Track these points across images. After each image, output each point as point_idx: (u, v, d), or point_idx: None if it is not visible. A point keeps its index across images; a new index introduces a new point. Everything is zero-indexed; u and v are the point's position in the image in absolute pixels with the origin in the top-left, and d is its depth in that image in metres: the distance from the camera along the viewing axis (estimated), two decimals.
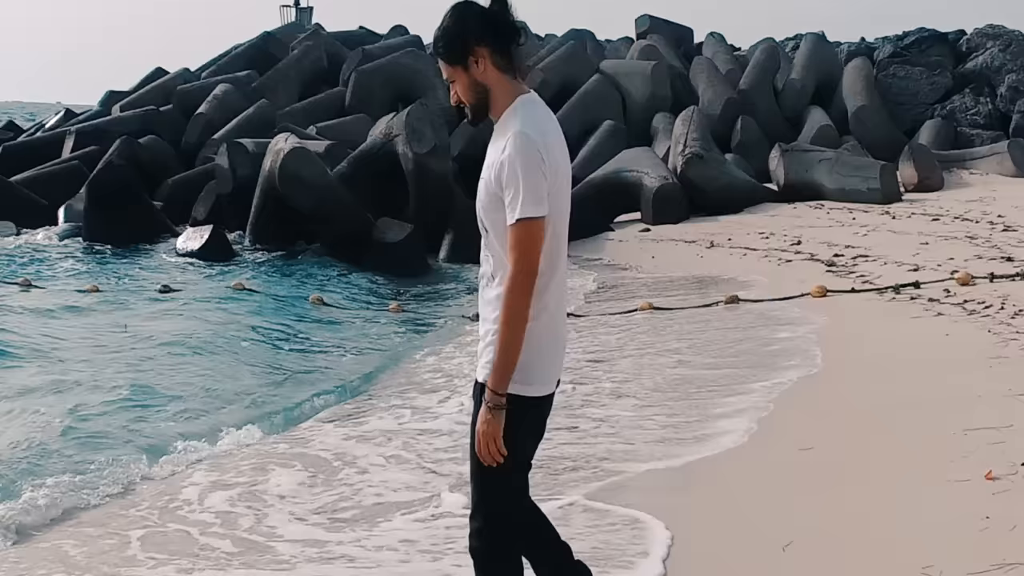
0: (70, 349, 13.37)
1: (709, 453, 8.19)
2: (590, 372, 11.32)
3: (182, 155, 29.14)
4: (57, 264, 20.83)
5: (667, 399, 9.95)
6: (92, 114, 34.77)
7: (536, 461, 4.59)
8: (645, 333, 13.39)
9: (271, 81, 32.10)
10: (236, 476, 8.39)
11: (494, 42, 4.30)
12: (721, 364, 11.21)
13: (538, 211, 4.15)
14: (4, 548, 7.02)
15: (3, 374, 11.89)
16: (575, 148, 27.30)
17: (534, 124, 4.24)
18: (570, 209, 4.42)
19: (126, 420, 10.06)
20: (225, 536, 7.08)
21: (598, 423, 9.27)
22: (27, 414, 10.25)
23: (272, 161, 21.24)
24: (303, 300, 16.97)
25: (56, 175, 27.27)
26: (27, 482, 8.06)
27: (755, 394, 9.71)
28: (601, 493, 7.46)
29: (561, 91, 29.77)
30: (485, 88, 4.32)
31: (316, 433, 9.65)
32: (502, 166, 4.19)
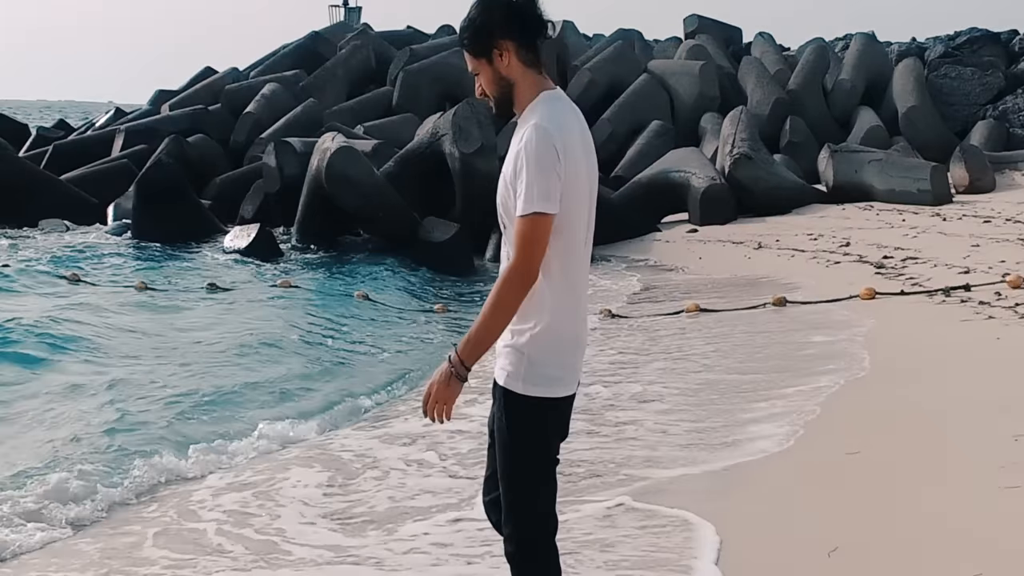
0: (113, 345, 13.43)
1: (753, 457, 8.11)
2: (634, 372, 11.26)
3: (230, 154, 29.30)
4: (105, 261, 20.92)
5: (710, 401, 9.88)
6: (141, 113, 35.03)
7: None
8: (690, 334, 13.30)
9: (319, 80, 32.19)
10: (263, 475, 8.38)
11: (520, 36, 4.24)
12: (767, 366, 11.11)
13: (546, 207, 4.07)
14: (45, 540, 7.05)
15: (49, 367, 11.98)
16: (622, 148, 27.33)
17: (554, 120, 4.17)
18: (594, 212, 4.37)
19: (167, 416, 10.10)
20: (242, 537, 7.07)
21: (642, 424, 9.22)
22: (69, 408, 10.35)
23: (319, 160, 21.29)
24: (348, 298, 16.99)
25: (106, 173, 27.48)
26: (61, 475, 8.11)
27: (802, 397, 9.61)
28: (645, 495, 7.40)
29: (609, 91, 29.72)
30: (509, 82, 4.27)
31: (350, 434, 9.65)
32: (516, 158, 4.14)
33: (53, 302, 16.13)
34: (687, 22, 36.74)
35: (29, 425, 9.88)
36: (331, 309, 16.22)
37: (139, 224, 23.35)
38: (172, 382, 11.41)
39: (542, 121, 4.13)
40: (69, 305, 16.04)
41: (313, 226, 22.00)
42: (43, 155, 30.19)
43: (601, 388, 10.64)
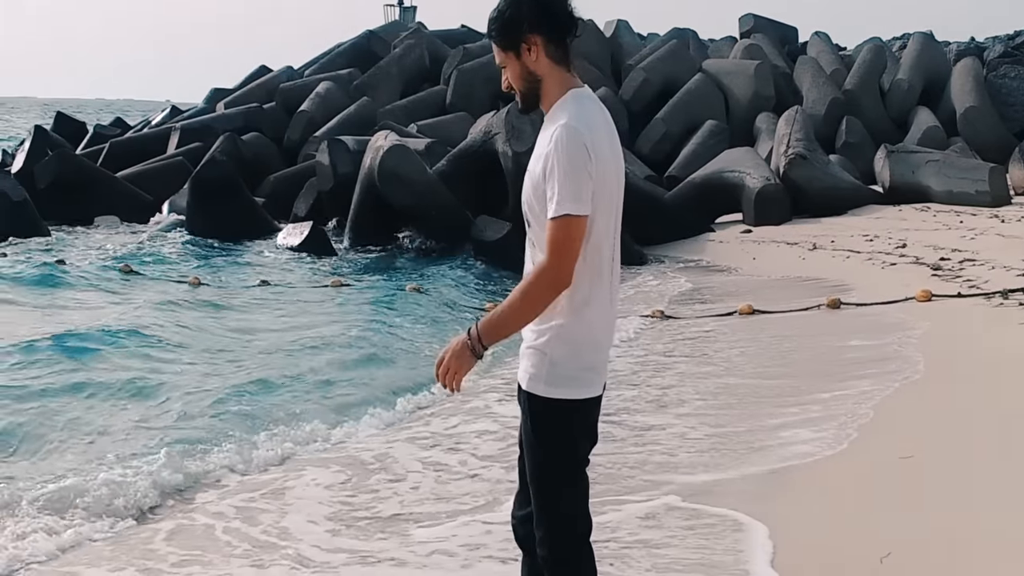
0: (162, 340, 13.51)
1: (805, 459, 8.01)
2: (680, 374, 11.19)
3: (284, 152, 29.45)
4: (160, 258, 21.08)
5: (756, 403, 9.79)
6: (197, 111, 35.28)
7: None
8: (740, 336, 13.20)
9: (373, 79, 32.26)
10: (294, 477, 8.36)
11: (549, 31, 4.15)
12: (819, 369, 11.00)
13: (578, 208, 3.99)
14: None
15: (100, 360, 12.08)
16: (676, 148, 27.20)
17: (583, 119, 4.08)
18: (621, 212, 4.27)
19: (210, 411, 10.15)
20: (252, 537, 7.05)
21: (687, 425, 9.14)
22: (119, 403, 10.46)
23: (372, 158, 21.32)
24: (399, 296, 17.00)
25: (161, 171, 27.70)
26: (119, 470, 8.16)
27: (855, 399, 9.49)
28: (691, 497, 7.34)
29: (663, 91, 29.59)
30: (536, 77, 4.18)
31: (384, 433, 9.62)
32: (546, 159, 4.05)
33: (107, 297, 16.26)
34: (742, 21, 36.53)
35: (81, 418, 9.94)
36: (382, 306, 16.24)
37: (193, 221, 23.50)
38: (214, 376, 11.50)
39: (571, 120, 4.05)
40: (123, 299, 16.21)
41: (366, 224, 22.03)
42: (100, 153, 30.49)
43: (646, 389, 10.58)
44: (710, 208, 23.11)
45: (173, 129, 31.30)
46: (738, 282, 17.81)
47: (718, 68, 31.14)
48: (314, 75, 34.05)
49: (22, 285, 17.08)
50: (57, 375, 11.39)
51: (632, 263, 19.76)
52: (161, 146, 30.38)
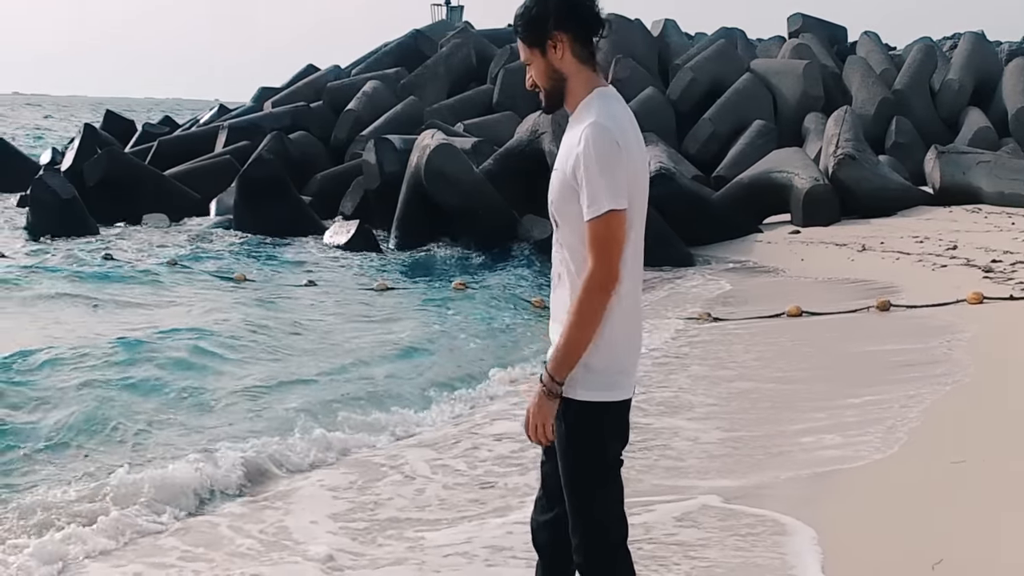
0: (204, 337, 13.57)
1: (852, 463, 7.92)
2: (726, 376, 11.10)
3: (331, 151, 29.51)
4: (207, 255, 21.17)
5: (799, 403, 9.71)
6: (244, 110, 35.41)
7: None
8: (786, 337, 13.10)
9: (420, 78, 32.27)
10: (332, 480, 8.34)
11: (576, 30, 4.14)
12: (867, 372, 10.89)
13: (618, 203, 3.98)
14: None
15: (143, 356, 12.11)
16: (724, 148, 27.05)
17: (611, 116, 4.07)
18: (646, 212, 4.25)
19: (251, 407, 10.22)
20: (262, 538, 7.04)
21: (724, 427, 9.07)
22: (169, 398, 10.53)
23: (419, 157, 21.32)
24: (445, 294, 16.98)
25: (209, 169, 27.81)
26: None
27: (902, 402, 9.38)
28: (732, 498, 7.27)
29: (711, 90, 29.41)
30: (562, 76, 4.16)
31: (420, 431, 9.64)
32: (577, 158, 4.02)
33: (159, 295, 16.33)
34: (791, 21, 36.27)
35: (138, 413, 9.99)
36: (428, 305, 16.24)
37: (240, 219, 23.58)
38: (264, 375, 11.55)
39: (600, 118, 4.03)
40: (171, 296, 16.34)
41: (412, 223, 22.04)
42: (148, 151, 30.66)
43: (689, 395, 10.51)
44: (758, 209, 22.96)
45: (221, 128, 31.42)
46: (786, 283, 17.69)
47: (766, 68, 30.92)
48: (361, 74, 34.08)
49: (74, 282, 17.11)
50: (111, 370, 11.42)
51: (680, 264, 19.69)
52: (209, 145, 30.50)
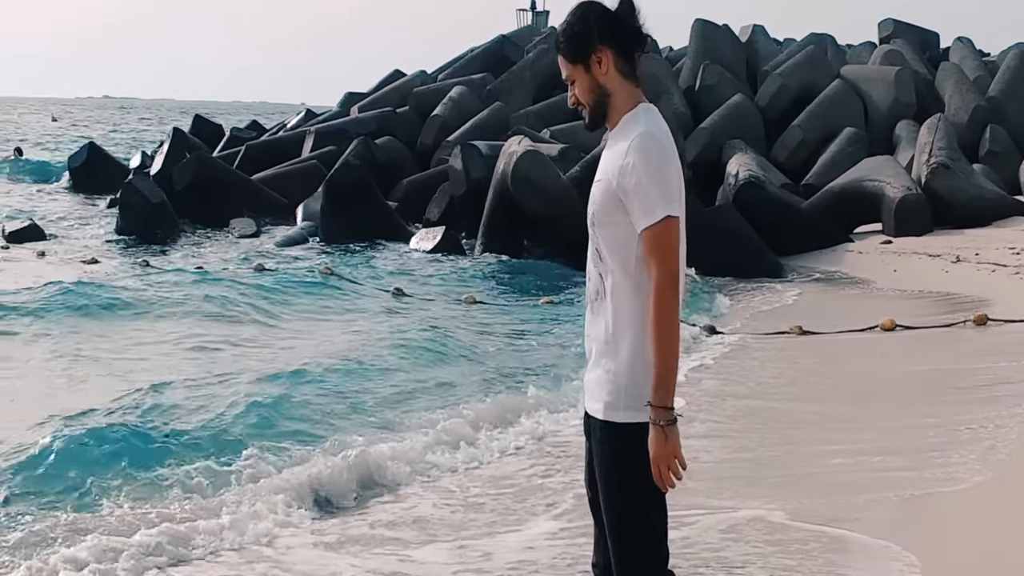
0: (283, 338, 13.61)
1: (953, 487, 7.68)
2: (806, 392, 10.88)
3: (417, 156, 29.52)
4: (293, 261, 21.24)
5: (887, 419, 9.46)
6: (331, 115, 35.55)
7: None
8: (879, 351, 12.84)
9: (506, 84, 32.19)
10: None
11: (619, 44, 4.10)
12: (956, 389, 10.63)
13: (675, 209, 3.96)
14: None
15: (196, 361, 12.25)
16: (813, 156, 26.68)
17: (660, 127, 4.05)
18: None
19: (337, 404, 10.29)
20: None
21: (806, 442, 8.86)
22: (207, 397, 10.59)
23: (505, 164, 21.24)
24: (530, 304, 16.87)
25: (295, 174, 27.95)
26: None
27: (1000, 422, 9.11)
28: (822, 520, 7.10)
29: (800, 97, 29.03)
30: (606, 91, 4.11)
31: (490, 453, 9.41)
32: (627, 168, 3.97)
33: (244, 297, 16.38)
34: (882, 26, 35.73)
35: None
36: (513, 316, 16.14)
37: (327, 224, 23.62)
38: (333, 375, 11.58)
39: (650, 129, 4.01)
40: (253, 294, 16.52)
41: (499, 229, 21.94)
42: (236, 155, 30.88)
43: (769, 403, 10.32)
44: (848, 218, 22.59)
45: (308, 132, 31.58)
46: (877, 295, 17.39)
47: (857, 74, 30.47)
48: (447, 79, 34.10)
49: (172, 290, 17.10)
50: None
51: (769, 275, 19.43)
52: (296, 149, 30.66)
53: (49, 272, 18.63)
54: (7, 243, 23.17)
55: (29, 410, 10.03)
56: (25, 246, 22.57)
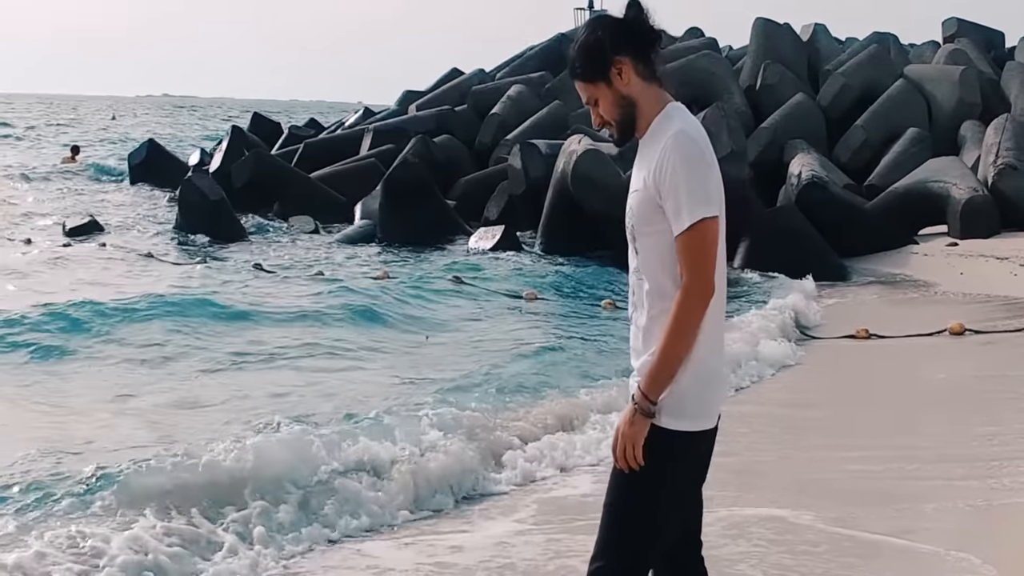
0: (340, 339, 13.55)
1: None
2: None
3: (475, 155, 29.44)
4: (351, 258, 21.21)
5: (953, 426, 9.24)
6: (389, 113, 35.56)
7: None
8: (948, 357, 12.60)
9: (565, 83, 31.91)
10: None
11: (635, 50, 4.00)
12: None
13: (711, 211, 3.84)
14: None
15: (276, 370, 12.08)
16: (876, 156, 26.32)
17: (692, 125, 3.96)
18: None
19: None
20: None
21: (875, 449, 8.66)
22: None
23: (565, 163, 21.11)
24: (591, 305, 16.73)
25: (354, 172, 27.93)
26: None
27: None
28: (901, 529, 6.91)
29: (862, 96, 28.67)
30: (631, 101, 4.01)
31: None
32: (662, 171, 3.85)
33: (313, 298, 16.36)
34: (945, 25, 35.28)
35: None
36: (572, 317, 16.00)
37: (385, 223, 23.56)
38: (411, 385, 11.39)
39: (683, 128, 3.92)
40: (313, 295, 16.40)
41: (558, 229, 21.83)
42: (294, 153, 30.94)
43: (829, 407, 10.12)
44: (913, 219, 22.25)
45: (366, 131, 31.57)
46: (943, 298, 17.10)
47: (920, 74, 30.07)
48: (506, 78, 34.01)
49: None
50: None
51: (833, 277, 19.20)
52: (354, 147, 30.67)
53: (122, 269, 18.83)
54: (68, 238, 23.32)
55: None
56: (85, 244, 22.61)
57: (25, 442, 8.61)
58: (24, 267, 18.67)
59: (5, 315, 13.33)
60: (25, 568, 6.07)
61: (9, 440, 8.78)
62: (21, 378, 11.19)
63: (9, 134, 69.13)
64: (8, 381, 11.01)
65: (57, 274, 18.10)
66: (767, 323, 13.99)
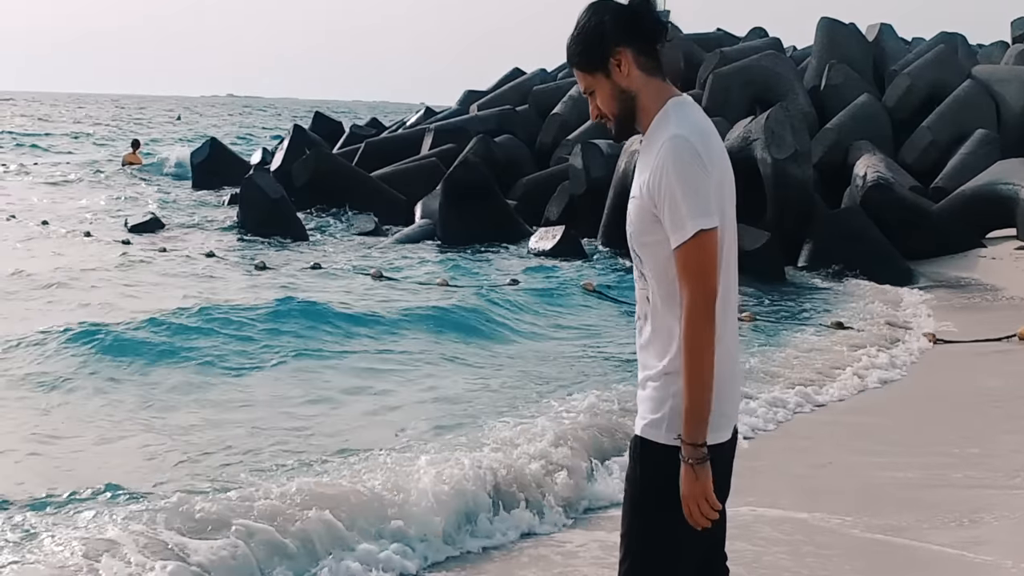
0: (393, 339, 13.47)
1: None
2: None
3: (536, 155, 29.33)
4: (411, 258, 21.16)
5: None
6: (450, 113, 35.54)
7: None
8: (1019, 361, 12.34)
9: None
10: None
11: (638, 40, 3.74)
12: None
13: (709, 222, 3.55)
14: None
15: (319, 371, 12.00)
16: (943, 158, 25.92)
17: (691, 126, 3.65)
18: (736, 229, 3.83)
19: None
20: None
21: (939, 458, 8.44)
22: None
23: (627, 163, 20.97)
24: None
25: (414, 171, 27.91)
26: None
27: None
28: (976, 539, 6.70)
29: (929, 97, 28.26)
30: (630, 95, 3.76)
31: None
32: (655, 178, 3.60)
33: (361, 299, 16.30)
34: (1015, 25, 34.72)
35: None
36: (630, 315, 15.83)
37: (445, 222, 23.50)
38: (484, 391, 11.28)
39: (678, 129, 3.62)
40: (370, 296, 16.38)
41: (619, 229, 21.53)
42: (355, 152, 30.97)
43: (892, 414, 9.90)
44: (981, 222, 21.86)
45: (427, 130, 31.56)
46: (1012, 303, 16.78)
47: (989, 74, 29.57)
48: (567, 78, 33.84)
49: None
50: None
51: (899, 281, 18.93)
52: (415, 147, 30.66)
53: (223, 272, 18.80)
54: (130, 234, 23.50)
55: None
56: (147, 241, 22.72)
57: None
58: (108, 267, 18.46)
59: (167, 323, 13.06)
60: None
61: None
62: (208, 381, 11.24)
63: (79, 132, 70.32)
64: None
65: (142, 275, 17.96)
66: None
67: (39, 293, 15.64)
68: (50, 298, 15.30)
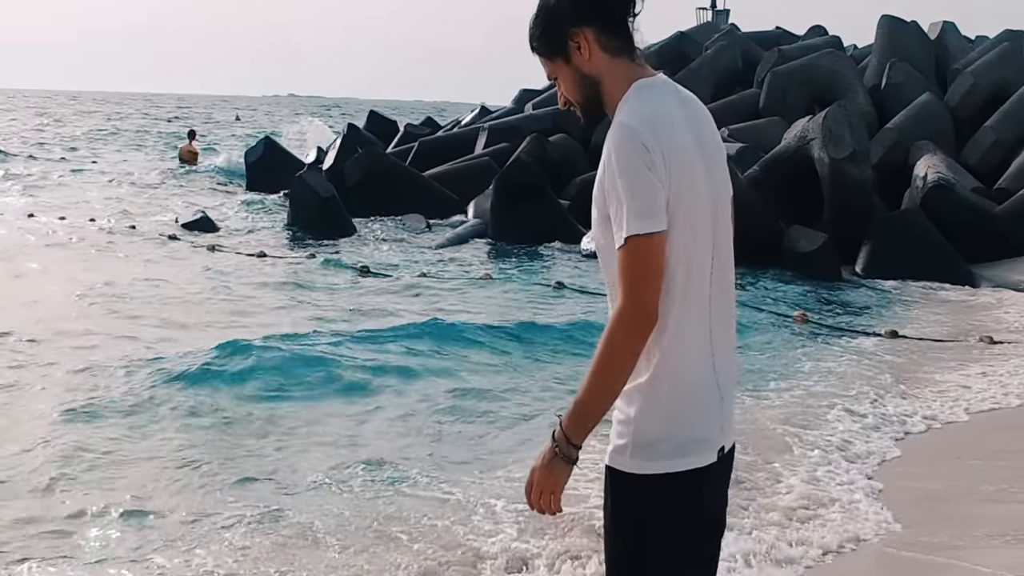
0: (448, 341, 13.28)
1: None
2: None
3: (591, 154, 28.95)
4: (460, 257, 20.95)
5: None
6: (505, 112, 35.32)
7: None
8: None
9: (683, 81, 30.57)
10: None
11: (599, 19, 3.31)
12: None
13: (647, 226, 3.08)
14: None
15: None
16: (1007, 158, 25.36)
17: (642, 112, 3.19)
18: (728, 224, 3.43)
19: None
20: None
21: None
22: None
23: None
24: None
25: (468, 170, 27.71)
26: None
27: None
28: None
29: (993, 96, 27.69)
30: (594, 80, 3.35)
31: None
32: (601, 173, 3.19)
33: (419, 303, 16.11)
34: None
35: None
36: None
37: (496, 222, 23.28)
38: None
39: (626, 119, 3.18)
40: (424, 294, 16.22)
41: None
42: (409, 151, 30.82)
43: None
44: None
45: (481, 129, 31.34)
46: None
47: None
48: None
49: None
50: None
51: (959, 283, 18.53)
52: (469, 146, 30.46)
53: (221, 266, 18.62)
54: (184, 229, 23.56)
55: None
56: (199, 239, 22.64)
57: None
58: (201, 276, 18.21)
59: (296, 341, 12.76)
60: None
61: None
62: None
63: (146, 128, 71.50)
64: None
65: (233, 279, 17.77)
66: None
67: (195, 308, 15.14)
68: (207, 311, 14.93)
